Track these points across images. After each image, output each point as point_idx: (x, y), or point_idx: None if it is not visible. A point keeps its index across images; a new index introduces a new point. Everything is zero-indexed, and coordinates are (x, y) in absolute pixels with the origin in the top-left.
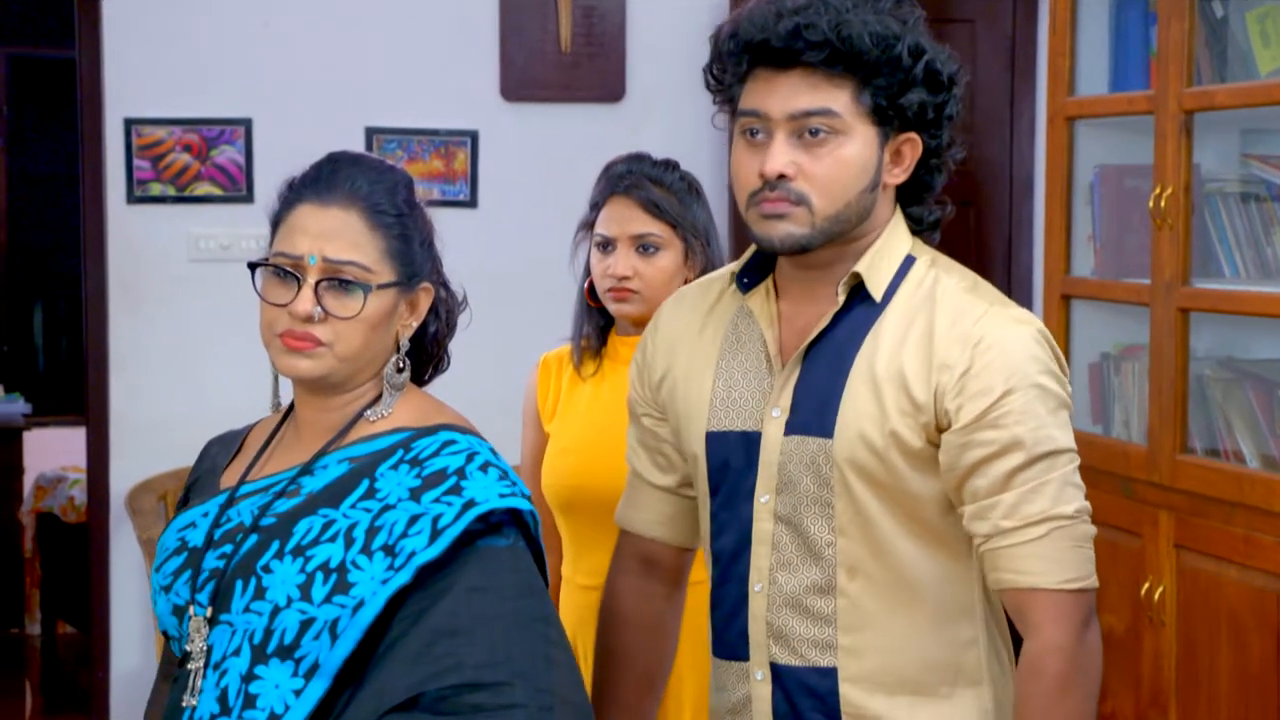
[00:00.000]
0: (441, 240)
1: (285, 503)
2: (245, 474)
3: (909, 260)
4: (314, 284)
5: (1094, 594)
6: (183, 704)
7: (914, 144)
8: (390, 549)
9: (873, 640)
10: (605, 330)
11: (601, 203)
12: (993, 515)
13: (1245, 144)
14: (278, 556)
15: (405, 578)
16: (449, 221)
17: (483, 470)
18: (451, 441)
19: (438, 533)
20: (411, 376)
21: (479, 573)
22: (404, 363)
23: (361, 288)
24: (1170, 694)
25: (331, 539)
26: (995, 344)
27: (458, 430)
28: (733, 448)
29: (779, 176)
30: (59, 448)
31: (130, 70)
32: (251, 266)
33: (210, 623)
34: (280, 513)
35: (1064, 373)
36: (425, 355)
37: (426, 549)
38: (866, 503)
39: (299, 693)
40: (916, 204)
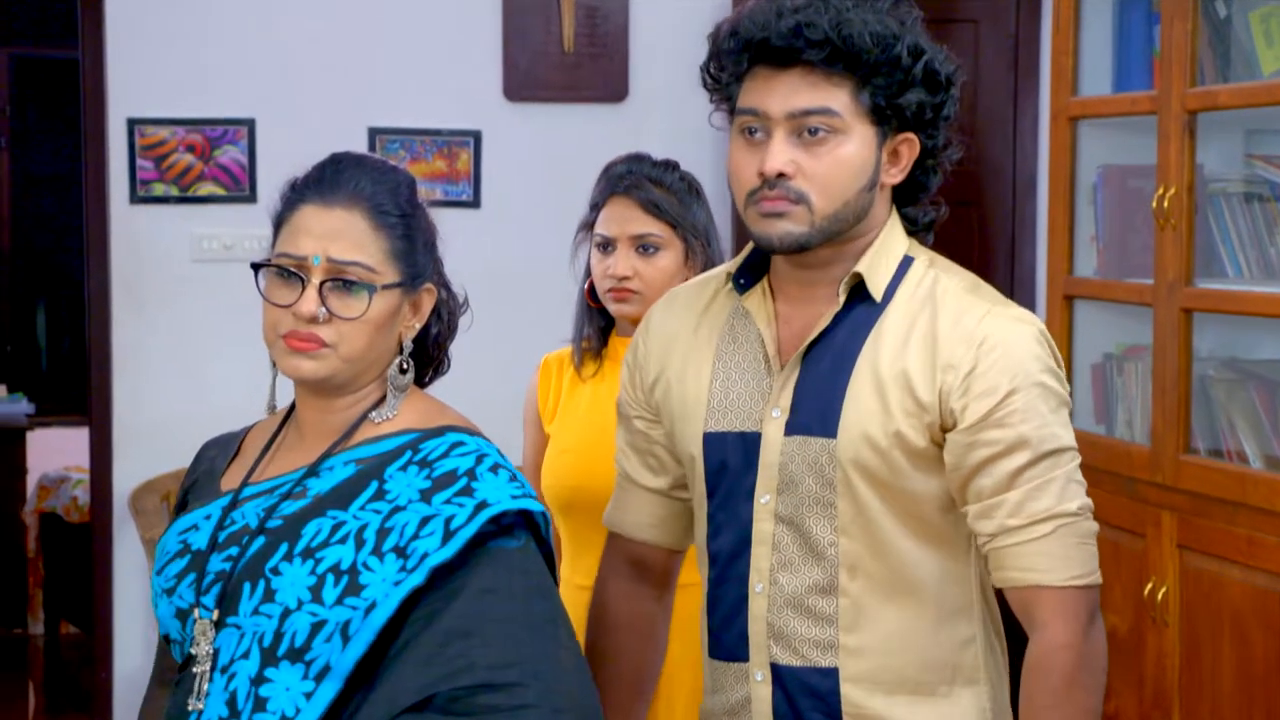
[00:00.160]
0: (444, 241)
1: (292, 505)
2: (248, 476)
3: (907, 260)
4: (318, 285)
5: (1098, 590)
6: (189, 708)
7: (911, 144)
8: (401, 550)
9: (873, 639)
10: (606, 331)
11: (601, 203)
12: (998, 514)
13: (1249, 144)
14: (287, 559)
15: (418, 579)
16: (452, 222)
17: (493, 472)
18: (460, 443)
19: (450, 534)
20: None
21: (490, 574)
22: (407, 364)
23: (366, 288)
24: (1173, 694)
25: (341, 541)
26: (999, 344)
27: (464, 432)
28: (731, 448)
29: (778, 175)
30: (62, 448)
31: (133, 70)
32: (255, 267)
33: (216, 626)
34: (287, 515)
35: (1062, 371)
36: (426, 357)
37: (439, 550)
38: (869, 502)
39: (310, 695)
40: (912, 204)
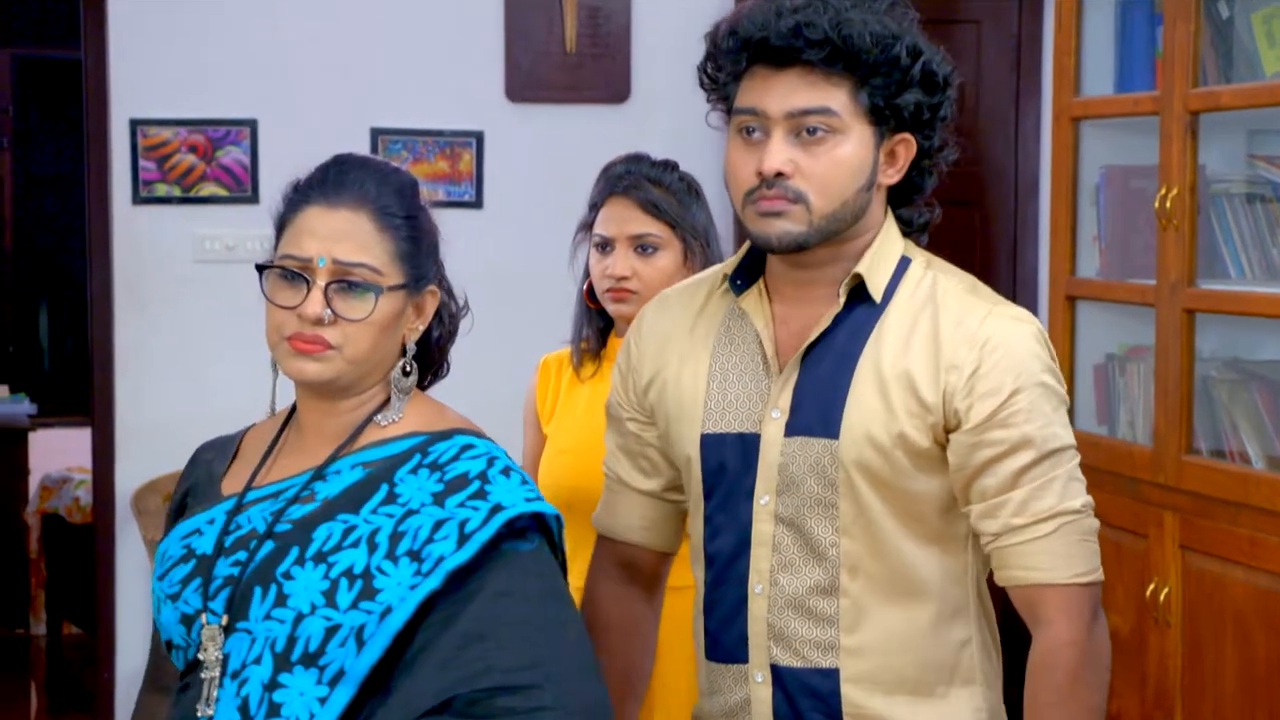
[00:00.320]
0: (446, 242)
1: (300, 509)
2: (251, 480)
3: (905, 261)
4: (323, 286)
5: (1100, 587)
6: (197, 714)
7: (908, 145)
8: (416, 554)
9: (874, 640)
10: (605, 332)
11: (600, 203)
12: (1002, 513)
13: (1251, 145)
14: (298, 563)
15: (435, 583)
16: (454, 222)
17: (504, 474)
18: (470, 446)
19: (466, 537)
20: None
21: (505, 577)
22: (411, 366)
23: (372, 290)
24: (1175, 695)
25: (354, 544)
26: (1001, 344)
27: (472, 434)
28: (729, 450)
29: (777, 174)
30: (64, 448)
31: (136, 71)
32: (259, 269)
33: (225, 631)
34: (296, 519)
35: (1059, 369)
36: (427, 360)
37: (455, 554)
38: (870, 503)
39: (324, 700)
40: (906, 205)
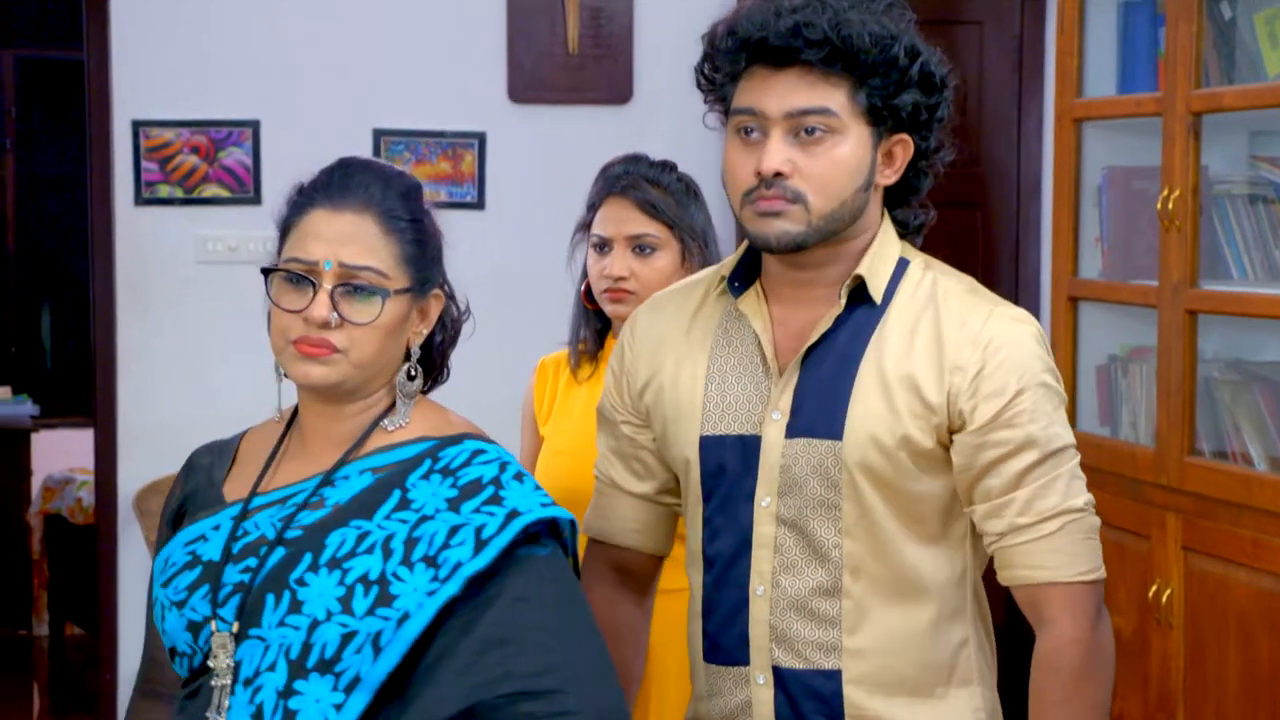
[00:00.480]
0: (448, 244)
1: (310, 515)
2: (255, 485)
3: (903, 263)
4: (330, 289)
5: (1103, 584)
6: None
7: (906, 145)
8: (432, 560)
9: (875, 641)
10: (602, 333)
11: (598, 203)
12: (1007, 513)
13: (1253, 146)
14: (312, 569)
15: (454, 589)
16: (456, 224)
17: (518, 480)
18: (481, 451)
19: (483, 543)
20: None
21: (522, 582)
22: (415, 370)
23: (378, 293)
24: (1178, 696)
25: (368, 551)
26: (1004, 345)
27: (480, 439)
28: (729, 452)
29: (775, 174)
30: (67, 449)
31: (138, 72)
32: (265, 272)
33: (237, 638)
34: (307, 525)
35: (1057, 369)
36: (429, 365)
37: (473, 559)
38: (873, 504)
39: (340, 707)
40: (902, 207)
